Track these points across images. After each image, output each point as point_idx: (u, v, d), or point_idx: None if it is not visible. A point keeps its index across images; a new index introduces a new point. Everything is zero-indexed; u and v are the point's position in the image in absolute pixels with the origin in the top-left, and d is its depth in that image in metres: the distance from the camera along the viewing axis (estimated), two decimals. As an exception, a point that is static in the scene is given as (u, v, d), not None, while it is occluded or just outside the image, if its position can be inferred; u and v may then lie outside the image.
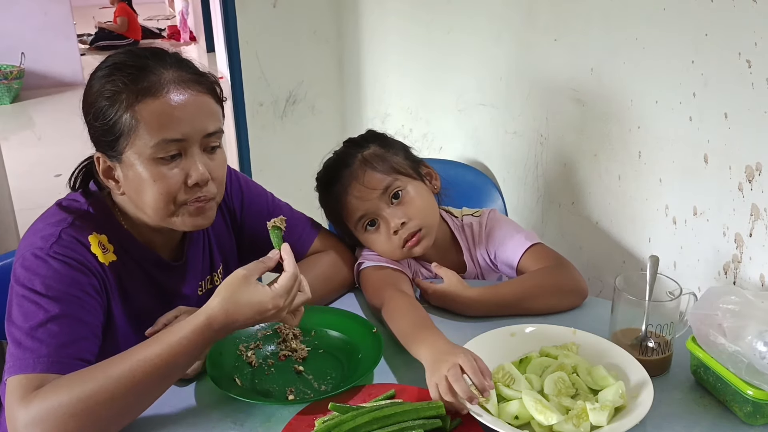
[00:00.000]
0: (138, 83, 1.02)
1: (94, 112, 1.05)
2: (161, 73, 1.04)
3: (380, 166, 1.31)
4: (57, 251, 1.04)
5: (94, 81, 1.06)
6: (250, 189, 1.36)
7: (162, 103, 1.03)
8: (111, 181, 1.09)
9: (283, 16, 2.81)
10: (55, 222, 1.08)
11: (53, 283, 1.01)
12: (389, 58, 2.57)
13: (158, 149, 1.03)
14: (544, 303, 1.24)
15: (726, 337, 0.95)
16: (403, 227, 1.29)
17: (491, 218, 1.42)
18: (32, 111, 6.42)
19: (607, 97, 1.46)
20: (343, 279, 1.35)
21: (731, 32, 1.13)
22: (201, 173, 1.06)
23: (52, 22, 7.05)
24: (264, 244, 1.35)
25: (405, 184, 1.32)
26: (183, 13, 9.30)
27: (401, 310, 1.17)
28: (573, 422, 0.92)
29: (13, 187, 3.08)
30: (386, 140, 1.38)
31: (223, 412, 1.02)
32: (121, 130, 1.03)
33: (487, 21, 1.87)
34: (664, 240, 1.36)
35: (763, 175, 1.11)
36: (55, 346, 0.97)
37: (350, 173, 1.31)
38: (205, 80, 1.09)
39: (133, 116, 1.02)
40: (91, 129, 1.07)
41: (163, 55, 1.08)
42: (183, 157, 1.06)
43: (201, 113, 1.06)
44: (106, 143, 1.05)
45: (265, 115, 2.93)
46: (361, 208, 1.30)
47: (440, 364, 0.97)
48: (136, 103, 1.02)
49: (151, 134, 1.02)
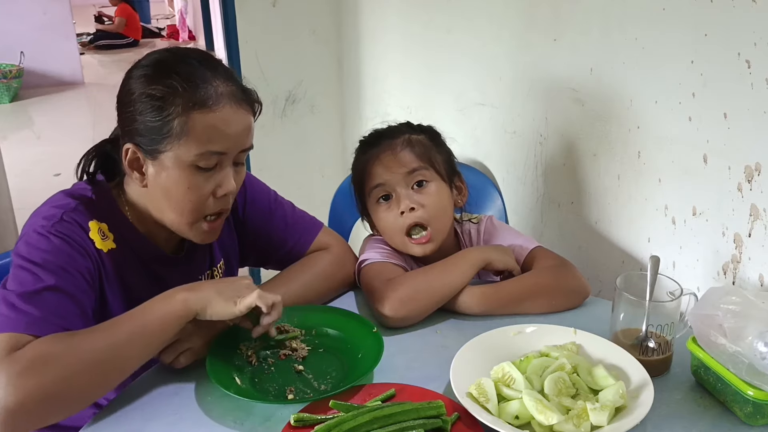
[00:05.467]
0: (195, 92, 1.05)
1: (139, 108, 1.06)
2: (217, 85, 1.07)
3: (419, 151, 1.33)
4: (58, 229, 1.07)
5: (139, 75, 1.08)
6: (254, 186, 1.37)
7: (215, 117, 1.06)
8: (136, 172, 1.11)
9: (282, 15, 2.80)
10: (58, 205, 1.11)
11: (51, 257, 1.04)
12: (389, 57, 2.57)
13: (200, 159, 1.07)
14: (546, 302, 1.24)
15: (726, 337, 0.95)
16: (412, 213, 1.30)
17: (489, 225, 1.43)
18: (31, 110, 6.42)
19: (606, 97, 1.46)
20: (343, 277, 1.36)
21: (731, 32, 1.13)
22: (231, 186, 1.11)
23: (51, 22, 7.05)
24: (266, 244, 1.36)
25: (432, 178, 1.33)
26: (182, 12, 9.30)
27: (411, 274, 1.26)
28: (573, 422, 0.92)
29: (12, 186, 3.08)
30: (438, 138, 1.41)
31: (223, 411, 1.02)
32: (168, 133, 1.05)
33: (486, 21, 1.87)
34: (664, 240, 1.37)
35: (762, 175, 1.11)
36: (47, 313, 1.00)
37: (390, 144, 1.34)
38: (250, 98, 1.14)
39: (185, 123, 1.04)
40: (127, 120, 1.09)
41: (214, 63, 1.11)
42: (217, 169, 1.10)
43: (244, 130, 1.11)
44: (146, 139, 1.07)
45: (265, 115, 2.89)
46: (383, 176, 1.32)
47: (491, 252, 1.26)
48: (191, 111, 1.04)
49: (198, 144, 1.06)
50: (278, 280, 1.29)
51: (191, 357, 1.10)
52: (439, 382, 1.05)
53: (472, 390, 0.98)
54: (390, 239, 1.36)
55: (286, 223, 1.37)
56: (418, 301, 1.21)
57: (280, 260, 1.37)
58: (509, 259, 1.29)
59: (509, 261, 1.29)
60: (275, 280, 1.29)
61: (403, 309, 1.20)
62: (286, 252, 1.36)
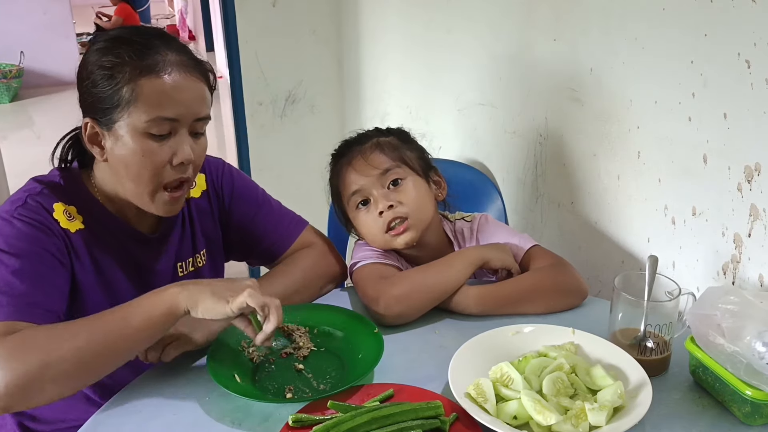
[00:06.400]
0: (143, 59, 1.07)
1: (93, 80, 1.08)
2: (165, 53, 1.09)
3: (390, 152, 1.34)
4: (21, 213, 1.09)
5: (95, 49, 1.10)
6: (242, 179, 1.39)
7: (163, 82, 1.07)
8: (96, 147, 1.13)
9: (282, 15, 2.81)
10: (25, 190, 1.15)
11: (15, 241, 1.06)
12: (389, 57, 2.57)
13: (152, 125, 1.08)
14: (544, 302, 1.24)
15: (725, 337, 0.95)
16: (390, 210, 1.30)
17: (482, 224, 1.42)
18: (31, 110, 6.42)
19: (606, 97, 1.46)
20: (327, 273, 1.36)
21: (730, 32, 1.13)
22: (187, 154, 1.11)
23: (51, 21, 7.06)
24: (250, 237, 1.36)
25: (406, 175, 1.33)
26: (182, 12, 9.30)
27: (407, 272, 1.27)
28: (572, 422, 0.92)
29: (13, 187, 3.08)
30: (407, 137, 1.41)
31: (222, 412, 1.02)
32: (119, 101, 1.07)
33: (486, 21, 1.87)
34: (663, 240, 1.36)
35: (762, 175, 1.11)
36: (16, 296, 1.01)
37: (359, 150, 1.34)
38: (202, 68, 1.14)
39: (133, 90, 1.06)
40: (84, 94, 1.11)
41: (168, 38, 1.13)
42: (172, 137, 1.11)
43: (196, 97, 1.12)
44: (100, 110, 1.09)
45: (265, 115, 2.93)
46: (357, 182, 1.32)
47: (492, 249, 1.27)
48: (138, 77, 1.06)
49: (148, 110, 1.07)
50: (264, 279, 1.29)
51: (179, 347, 1.10)
52: (437, 383, 1.05)
53: (471, 390, 0.98)
54: (373, 242, 1.35)
55: (271, 218, 1.37)
56: (413, 298, 1.21)
57: (261, 254, 1.38)
58: (507, 258, 1.29)
59: (507, 259, 1.29)
60: (261, 280, 1.29)
61: (398, 306, 1.20)
62: (268, 246, 1.37)
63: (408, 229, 1.31)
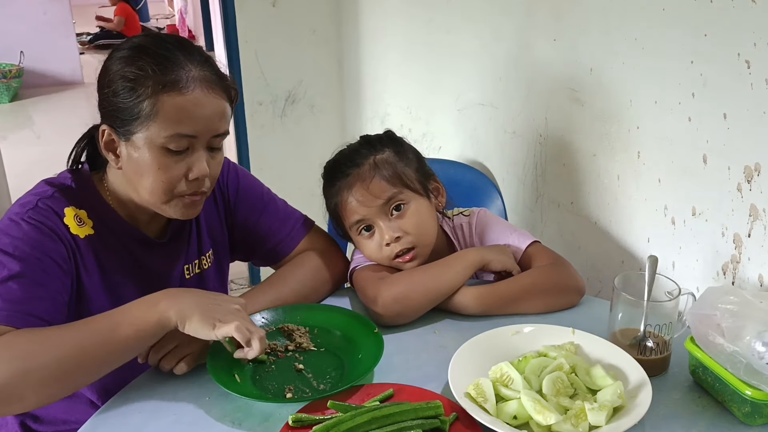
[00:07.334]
0: (166, 74, 1.06)
1: (114, 89, 1.08)
2: (189, 69, 1.08)
3: (389, 174, 1.29)
4: (31, 216, 1.09)
5: (118, 57, 1.09)
6: (247, 179, 1.38)
7: (186, 100, 1.06)
8: (111, 154, 1.12)
9: (282, 15, 2.81)
10: (36, 193, 1.14)
11: (20, 244, 1.06)
12: (389, 57, 2.57)
13: (170, 141, 1.07)
14: (542, 302, 1.24)
15: (724, 337, 0.95)
16: (397, 241, 1.28)
17: (481, 218, 1.41)
18: (31, 110, 6.42)
19: (606, 97, 1.46)
20: (333, 275, 1.35)
21: (730, 32, 1.13)
22: (203, 169, 1.11)
23: (51, 21, 7.06)
24: (255, 236, 1.36)
25: (409, 198, 1.30)
26: (182, 11, 9.30)
27: (406, 272, 1.26)
28: (571, 422, 0.92)
29: (12, 186, 3.08)
30: (402, 147, 1.35)
31: (222, 412, 1.02)
32: (139, 114, 1.06)
33: (486, 21, 1.87)
34: (663, 240, 1.36)
35: (762, 175, 1.11)
36: (11, 301, 1.01)
37: (358, 174, 1.29)
38: (225, 84, 1.13)
39: (154, 105, 1.05)
40: (104, 101, 1.11)
41: (191, 49, 1.11)
42: (189, 152, 1.10)
43: (216, 114, 1.11)
44: (119, 120, 1.08)
45: (265, 115, 2.94)
46: (360, 212, 1.29)
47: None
48: (160, 93, 1.05)
49: (167, 126, 1.06)
50: (270, 280, 1.29)
51: (192, 362, 1.09)
52: (437, 382, 1.05)
53: (471, 390, 0.98)
54: (377, 262, 1.33)
55: (276, 218, 1.37)
56: (412, 299, 1.21)
57: (266, 254, 1.37)
58: (507, 259, 1.29)
59: (507, 261, 1.28)
60: (267, 282, 1.29)
61: (396, 306, 1.20)
62: (273, 246, 1.36)
63: (415, 257, 1.30)
